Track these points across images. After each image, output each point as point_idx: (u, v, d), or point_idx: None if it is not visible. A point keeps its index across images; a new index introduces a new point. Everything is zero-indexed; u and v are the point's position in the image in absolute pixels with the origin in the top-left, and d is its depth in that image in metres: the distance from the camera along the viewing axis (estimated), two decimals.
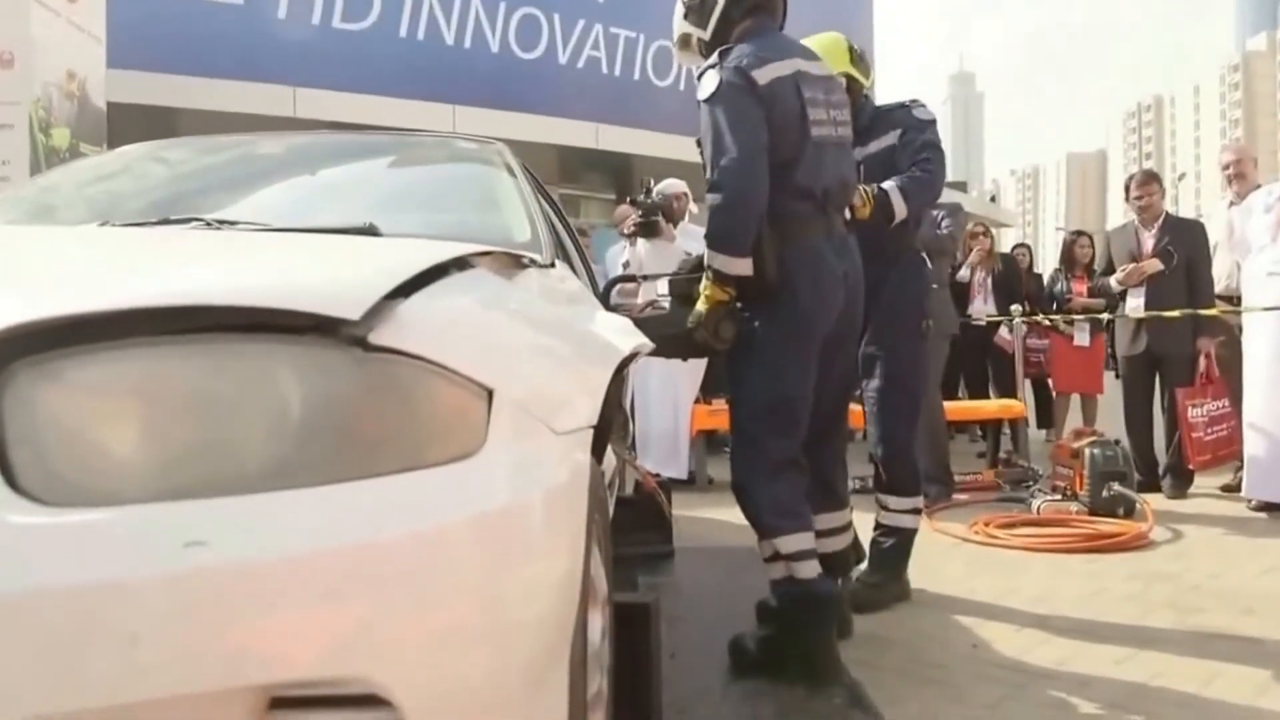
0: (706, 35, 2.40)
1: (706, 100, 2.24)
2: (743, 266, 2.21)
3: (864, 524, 2.90)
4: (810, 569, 2.24)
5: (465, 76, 9.25)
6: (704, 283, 2.27)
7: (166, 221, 1.62)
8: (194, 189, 2.20)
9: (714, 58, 2.27)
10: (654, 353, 2.00)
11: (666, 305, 2.35)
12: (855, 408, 2.98)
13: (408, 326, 0.95)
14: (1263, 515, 4.16)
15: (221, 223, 1.59)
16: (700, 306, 2.27)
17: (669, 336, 2.25)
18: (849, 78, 2.86)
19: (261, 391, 0.88)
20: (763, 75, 2.21)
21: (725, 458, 3.44)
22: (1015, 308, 5.66)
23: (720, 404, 4.68)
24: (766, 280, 2.22)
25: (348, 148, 2.58)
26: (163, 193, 2.15)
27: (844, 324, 2.35)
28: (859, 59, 2.98)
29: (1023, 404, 5.48)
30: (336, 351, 0.90)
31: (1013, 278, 6.30)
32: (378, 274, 1.01)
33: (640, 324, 1.98)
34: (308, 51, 8.55)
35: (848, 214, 2.48)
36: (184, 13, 8.04)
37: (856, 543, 2.79)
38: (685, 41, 2.48)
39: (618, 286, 3.07)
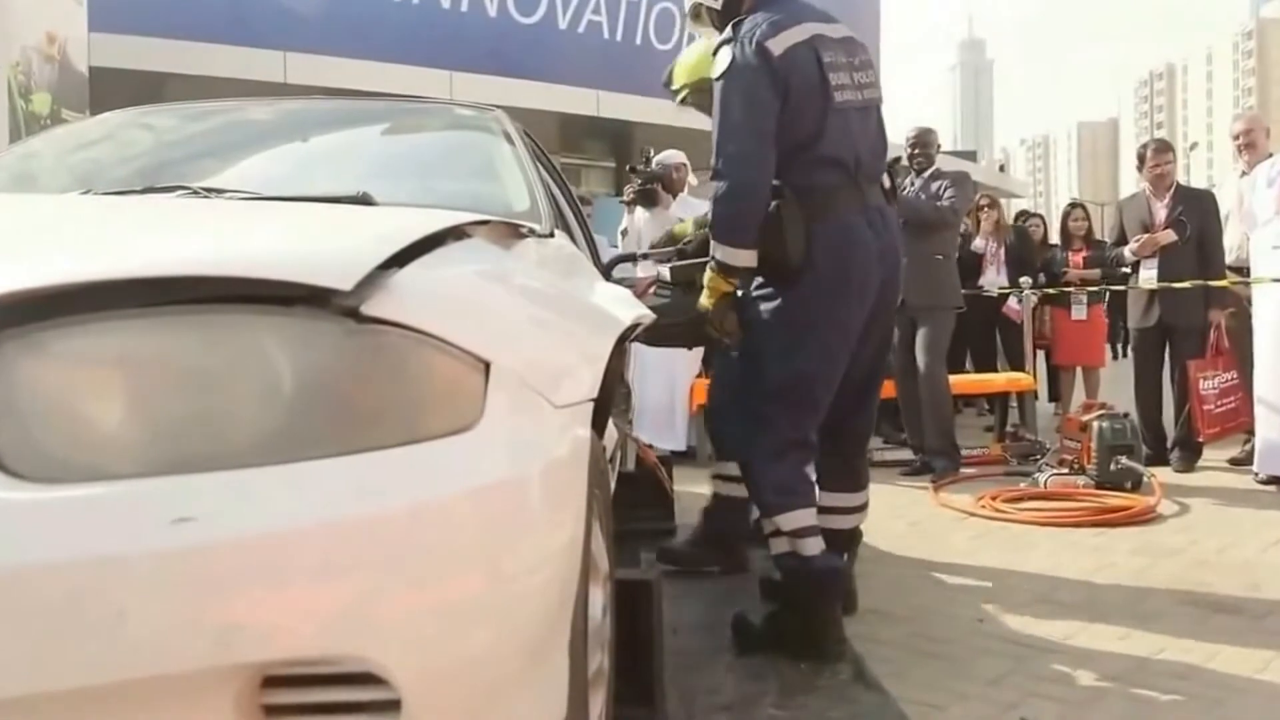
0: (718, 4, 2.36)
1: (719, 78, 2.20)
2: (746, 258, 2.19)
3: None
4: (814, 545, 2.24)
5: (462, 42, 9.16)
6: (707, 274, 2.25)
7: (151, 190, 1.60)
8: (180, 156, 2.17)
9: (728, 32, 2.23)
10: (657, 342, 2.00)
11: (669, 278, 2.33)
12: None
13: (402, 297, 0.94)
14: (1271, 489, 4.17)
15: (209, 191, 1.57)
16: (704, 301, 2.26)
17: (673, 325, 2.24)
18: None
19: (251, 364, 0.86)
20: (778, 44, 2.16)
21: None
22: (1026, 280, 5.65)
23: None
24: (788, 260, 2.18)
25: (341, 114, 2.55)
26: (148, 160, 2.13)
27: (880, 304, 2.29)
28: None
29: (1031, 377, 5.48)
30: (328, 323, 0.89)
31: (1025, 248, 6.28)
32: (371, 243, 1.00)
33: None
34: (299, 15, 8.46)
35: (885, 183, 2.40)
36: None
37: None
38: (696, 12, 2.45)
39: (618, 266, 3.03)
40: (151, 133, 2.31)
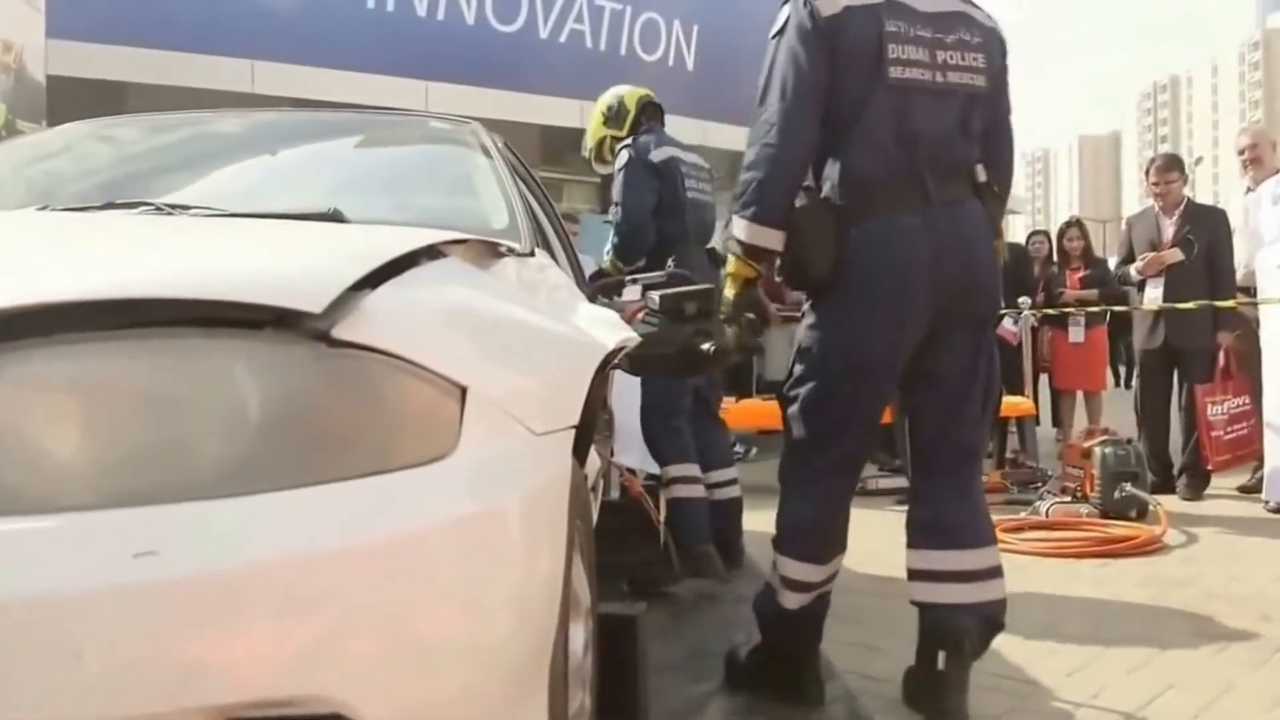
0: None
1: (772, 36, 2.10)
2: (768, 238, 2.05)
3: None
4: (798, 600, 2.14)
5: (439, 50, 9.19)
6: (729, 260, 2.16)
7: (112, 206, 1.60)
8: (143, 170, 2.18)
9: None
10: (643, 372, 1.98)
11: (657, 303, 2.33)
12: None
13: (374, 320, 0.94)
14: None
15: (173, 207, 1.58)
16: (727, 291, 2.15)
17: (661, 355, 2.23)
18: (611, 139, 3.51)
19: (216, 390, 0.87)
20: (829, 5, 2.01)
21: None
22: (1024, 300, 5.69)
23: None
24: (808, 270, 2.07)
25: (311, 127, 2.56)
26: (109, 174, 2.13)
27: (947, 310, 2.04)
28: (610, 119, 3.55)
29: (1031, 401, 5.52)
30: (297, 347, 0.89)
31: (1022, 268, 6.33)
32: (342, 263, 1.00)
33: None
34: (268, 22, 8.47)
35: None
36: None
37: None
38: None
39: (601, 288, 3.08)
40: (113, 145, 2.31)
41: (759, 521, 2.49)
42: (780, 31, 2.08)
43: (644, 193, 3.35)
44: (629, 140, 3.44)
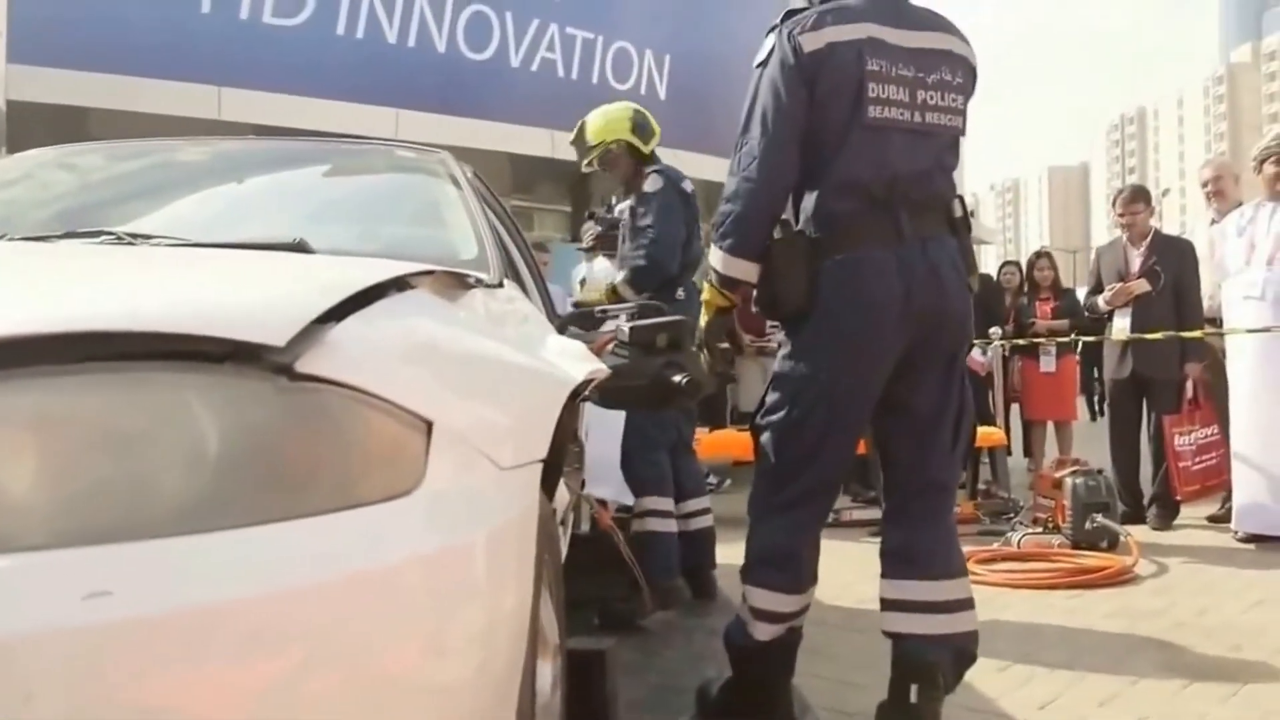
0: None
1: (756, 66, 2.13)
2: (743, 270, 2.10)
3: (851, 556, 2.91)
4: (768, 632, 2.14)
5: (409, 78, 9.22)
6: (705, 285, 2.22)
7: (71, 235, 1.59)
8: (105, 199, 2.16)
9: (780, 18, 2.15)
10: (613, 405, 1.99)
11: (627, 335, 2.34)
12: None
13: (339, 353, 0.94)
14: (1250, 547, 4.27)
15: (134, 237, 1.57)
16: (701, 319, 2.21)
17: (632, 388, 2.25)
18: (628, 144, 3.46)
19: (174, 425, 0.86)
20: (814, 40, 2.04)
21: None
22: (994, 330, 5.76)
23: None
24: (781, 302, 2.12)
25: (277, 155, 2.56)
26: (69, 203, 2.12)
27: (920, 342, 2.07)
28: (639, 128, 3.50)
29: (1002, 432, 5.57)
30: (259, 381, 0.88)
31: (993, 298, 6.42)
32: (307, 295, 1.00)
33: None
34: (235, 48, 8.47)
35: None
36: (97, 4, 7.93)
37: None
38: None
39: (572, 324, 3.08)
40: (73, 173, 2.30)
41: (732, 554, 2.49)
42: (764, 62, 2.11)
43: (679, 223, 3.38)
44: (660, 166, 3.46)
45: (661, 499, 3.34)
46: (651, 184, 3.39)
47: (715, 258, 2.13)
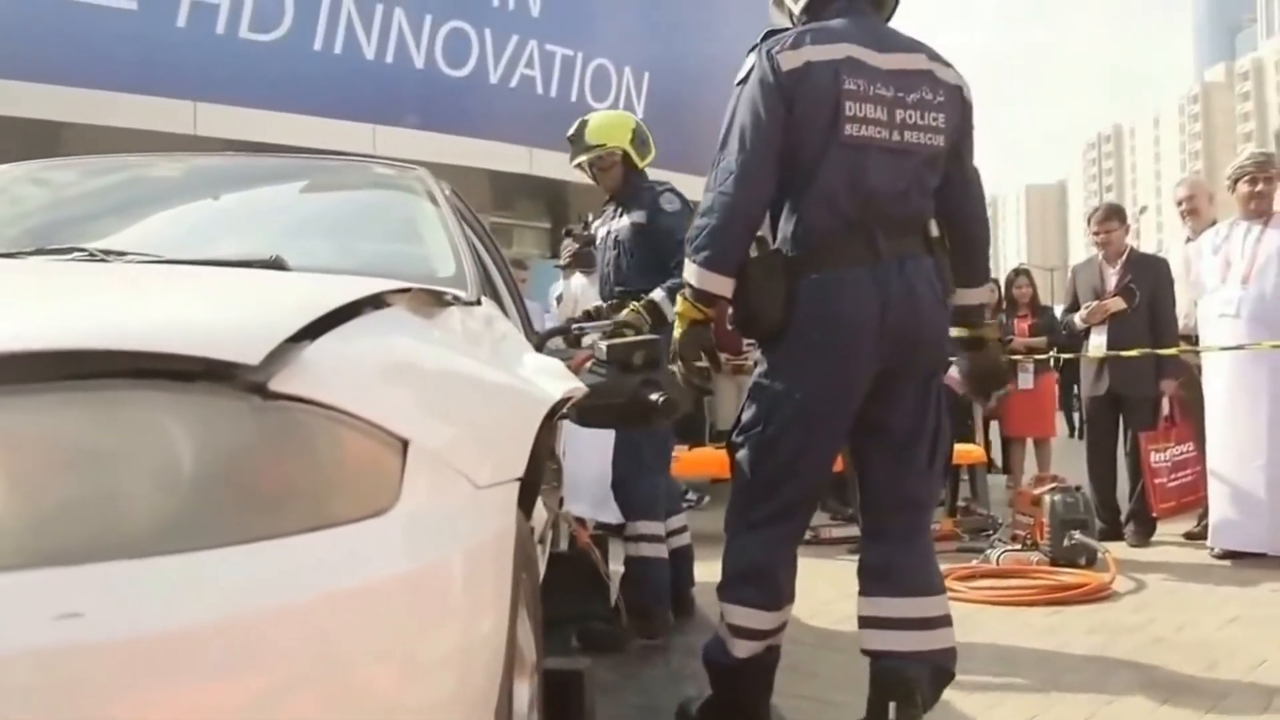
0: (796, 9, 2.27)
1: (737, 84, 2.15)
2: (717, 285, 2.11)
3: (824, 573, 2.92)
4: (747, 649, 2.15)
5: (387, 94, 9.21)
6: (679, 298, 2.22)
7: (42, 251, 1.59)
8: (78, 215, 2.15)
9: (760, 37, 2.17)
10: (590, 422, 1.99)
11: (604, 353, 2.35)
12: None
13: (314, 372, 0.94)
14: (1226, 564, 4.31)
15: (107, 253, 1.56)
16: (675, 331, 2.22)
17: (609, 406, 2.25)
18: (625, 153, 3.42)
19: (146, 445, 0.85)
20: (792, 59, 2.07)
21: None
22: None
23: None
24: (757, 320, 2.14)
25: (253, 171, 2.56)
26: (41, 219, 2.10)
27: (896, 360, 2.09)
28: (639, 140, 3.48)
29: (982, 448, 5.61)
30: (232, 400, 0.88)
31: None
32: (282, 313, 1.00)
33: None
34: (211, 63, 8.44)
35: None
36: (70, 17, 7.89)
37: None
38: (779, 3, 2.39)
39: (550, 341, 3.07)
40: (45, 189, 2.28)
41: (712, 572, 2.49)
42: (744, 80, 2.13)
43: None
44: (667, 185, 3.47)
45: (655, 523, 3.29)
46: (669, 202, 3.38)
47: (690, 271, 2.14)
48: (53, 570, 0.79)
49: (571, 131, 3.56)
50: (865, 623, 2.13)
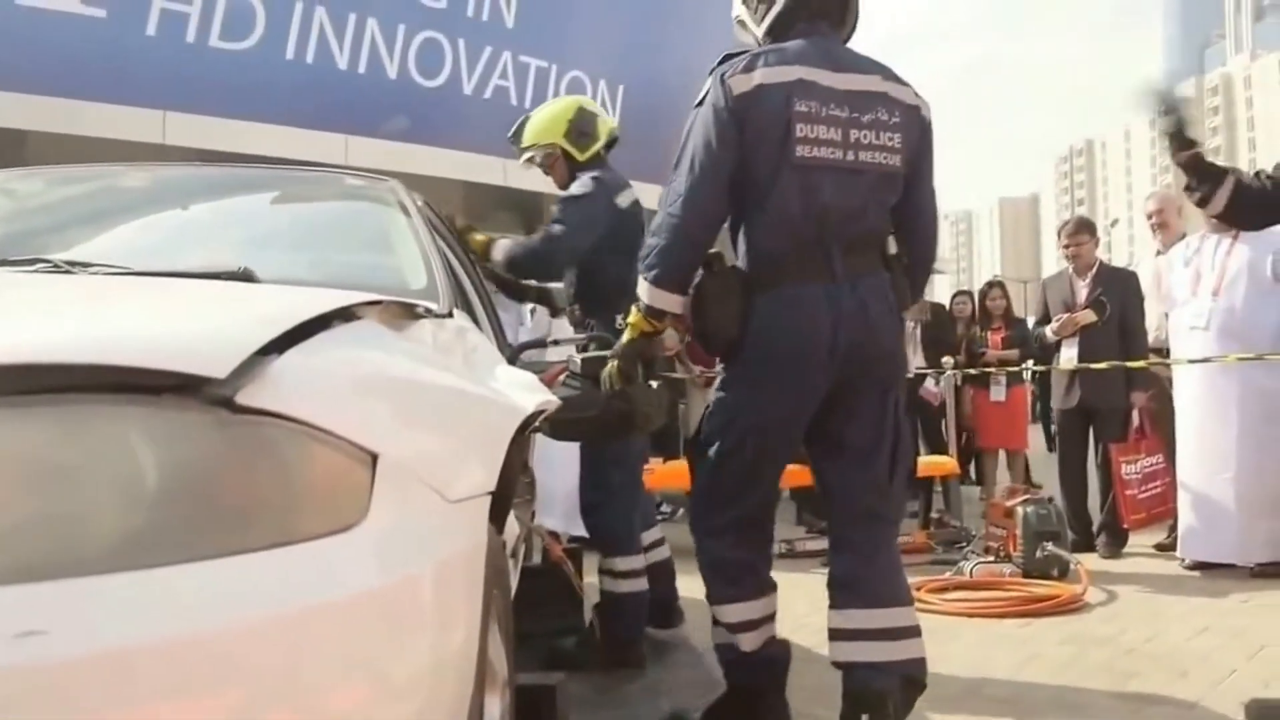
0: (759, 32, 2.29)
1: (695, 106, 2.20)
2: (666, 301, 2.19)
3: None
4: (752, 640, 2.24)
5: (360, 104, 9.17)
6: (631, 311, 2.28)
7: (4, 263, 1.57)
8: (43, 225, 2.13)
9: (718, 60, 2.21)
10: (564, 436, 2.00)
11: (579, 366, 2.36)
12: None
13: (281, 385, 0.94)
14: (1196, 574, 4.36)
15: (72, 265, 1.55)
16: (623, 337, 2.30)
17: (582, 420, 2.27)
18: (563, 150, 3.21)
19: (111, 459, 0.85)
20: (743, 82, 2.11)
21: None
22: (947, 360, 5.86)
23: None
24: (712, 336, 2.21)
25: (222, 182, 2.55)
26: (4, 229, 2.08)
27: (847, 386, 2.15)
28: (577, 133, 3.23)
29: (955, 461, 5.65)
30: (198, 414, 0.88)
31: (943, 328, 6.53)
32: (250, 326, 1.00)
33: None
34: (181, 72, 8.38)
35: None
36: (37, 24, 7.82)
37: None
38: (743, 24, 2.37)
39: (524, 353, 3.04)
40: (10, 199, 2.26)
41: (691, 585, 2.49)
42: (701, 102, 2.19)
43: (591, 235, 3.10)
44: (597, 173, 3.20)
45: (631, 558, 3.15)
46: (579, 186, 3.16)
47: (641, 288, 2.23)
48: (15, 588, 0.78)
49: (511, 132, 3.42)
50: (835, 635, 2.18)
